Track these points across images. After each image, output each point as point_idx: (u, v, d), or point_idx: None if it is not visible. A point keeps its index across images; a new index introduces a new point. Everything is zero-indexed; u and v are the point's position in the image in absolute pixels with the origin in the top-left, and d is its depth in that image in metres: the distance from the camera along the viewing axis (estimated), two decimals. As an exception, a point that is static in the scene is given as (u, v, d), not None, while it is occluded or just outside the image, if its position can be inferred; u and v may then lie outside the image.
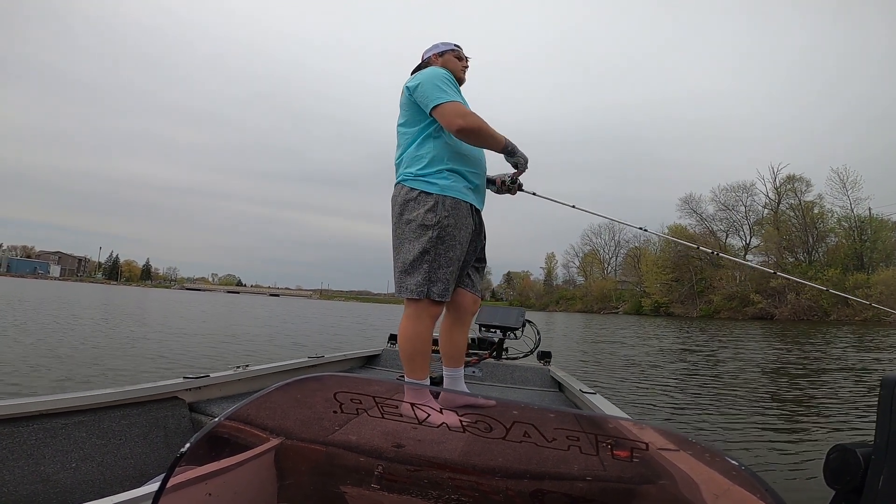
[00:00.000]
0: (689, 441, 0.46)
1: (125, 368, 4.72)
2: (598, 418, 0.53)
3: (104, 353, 5.49)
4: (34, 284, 38.81)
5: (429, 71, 1.59)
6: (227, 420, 0.52)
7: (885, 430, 0.55)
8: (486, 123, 1.56)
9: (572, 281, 75.98)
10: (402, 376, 1.65)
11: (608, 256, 69.90)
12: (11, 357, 4.79)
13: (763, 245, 44.58)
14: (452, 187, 1.57)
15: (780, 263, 41.31)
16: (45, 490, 1.10)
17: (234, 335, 9.14)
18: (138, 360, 5.20)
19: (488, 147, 1.64)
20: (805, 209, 43.70)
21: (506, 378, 2.72)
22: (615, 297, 58.59)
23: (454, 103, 1.50)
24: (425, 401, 0.55)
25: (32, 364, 4.57)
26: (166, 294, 45.58)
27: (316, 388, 0.56)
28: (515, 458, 0.53)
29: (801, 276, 36.64)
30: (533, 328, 3.17)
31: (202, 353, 6.27)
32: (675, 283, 48.84)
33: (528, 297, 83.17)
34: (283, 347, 7.78)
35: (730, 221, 50.62)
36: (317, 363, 2.36)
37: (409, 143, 1.62)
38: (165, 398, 1.53)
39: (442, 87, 1.52)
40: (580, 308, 61.49)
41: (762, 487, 0.42)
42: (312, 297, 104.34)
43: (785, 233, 43.53)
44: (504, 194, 1.90)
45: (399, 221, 1.57)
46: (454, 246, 1.55)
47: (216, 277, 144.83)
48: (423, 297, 1.52)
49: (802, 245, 43.56)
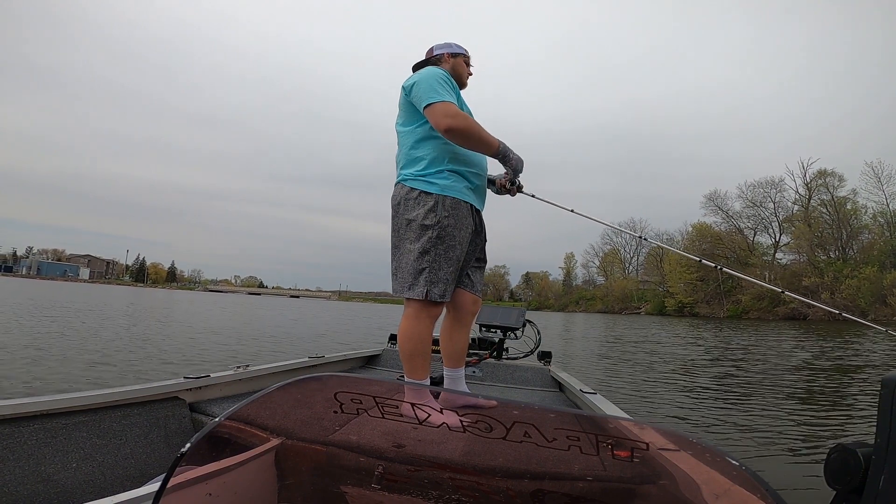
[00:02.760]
0: (689, 441, 0.46)
1: (152, 369, 4.88)
2: (598, 418, 0.53)
3: (133, 356, 5.69)
4: (65, 287, 40.31)
5: (426, 70, 1.58)
6: (228, 420, 0.52)
7: (885, 430, 0.56)
8: (478, 125, 1.54)
9: (592, 281, 74.90)
10: (403, 376, 1.65)
11: (629, 255, 68.72)
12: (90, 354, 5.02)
13: (794, 243, 42.88)
14: (452, 187, 1.57)
15: (813, 261, 39.70)
16: (45, 490, 1.10)
17: (245, 335, 9.38)
18: (161, 361, 5.38)
19: (479, 150, 1.62)
20: (838, 205, 41.92)
21: (506, 378, 2.71)
22: (637, 298, 57.45)
23: (445, 103, 1.48)
24: (425, 401, 0.55)
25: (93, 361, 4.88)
26: (190, 296, 46.92)
27: (316, 388, 0.57)
28: (516, 459, 0.53)
29: (837, 273, 35.02)
30: (533, 328, 3.16)
31: (221, 350, 6.47)
32: (701, 282, 47.49)
33: (546, 297, 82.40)
34: (295, 344, 7.94)
35: (758, 219, 48.99)
36: (317, 363, 2.37)
37: (407, 142, 1.62)
38: (166, 398, 1.53)
39: (437, 87, 1.51)
40: (600, 308, 60.51)
41: (762, 487, 0.42)
42: (331, 299, 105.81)
43: (817, 229, 41.81)
44: (504, 195, 1.90)
45: (398, 221, 1.57)
46: (454, 246, 1.54)
47: (238, 279, 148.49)
48: (423, 298, 1.51)
49: (835, 242, 41.77)
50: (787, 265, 43.28)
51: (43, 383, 3.79)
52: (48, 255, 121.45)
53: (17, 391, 3.50)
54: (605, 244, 69.99)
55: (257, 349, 7.19)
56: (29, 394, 3.29)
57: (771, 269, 43.99)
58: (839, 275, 36.00)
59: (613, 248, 69.10)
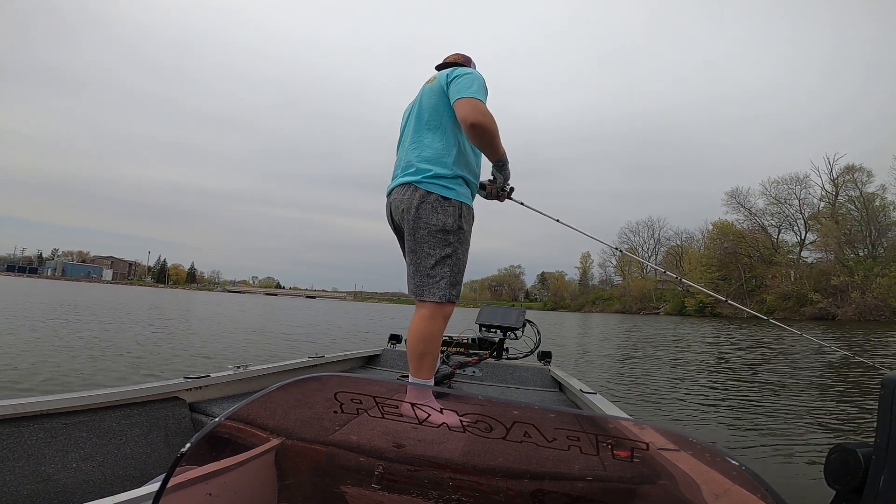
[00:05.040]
0: (689, 441, 0.46)
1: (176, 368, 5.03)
2: (598, 418, 0.53)
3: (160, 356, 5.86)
4: (88, 287, 41.44)
5: (474, 71, 1.63)
6: (228, 420, 0.53)
7: (885, 430, 0.55)
8: (498, 131, 1.57)
9: (609, 281, 74.02)
10: (403, 376, 1.65)
11: (647, 255, 67.54)
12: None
13: (821, 240, 41.42)
14: (465, 193, 1.61)
15: (841, 259, 38.27)
16: (45, 490, 1.09)
17: (255, 333, 9.61)
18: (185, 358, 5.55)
19: (489, 152, 1.64)
20: (866, 201, 40.36)
21: (506, 378, 2.69)
22: (655, 297, 56.37)
23: (480, 101, 1.53)
24: (426, 401, 0.55)
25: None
26: (210, 296, 47.95)
27: (316, 388, 0.57)
28: (516, 459, 0.52)
29: (867, 271, 33.66)
30: (533, 328, 3.15)
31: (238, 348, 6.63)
32: (722, 281, 46.33)
33: (562, 297, 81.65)
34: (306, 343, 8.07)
35: (782, 216, 47.57)
36: (317, 363, 2.36)
37: (427, 138, 1.62)
38: (166, 398, 1.53)
39: (479, 85, 1.56)
40: (618, 309, 59.61)
41: (763, 487, 0.41)
42: (347, 299, 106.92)
43: (844, 226, 40.31)
44: (492, 200, 1.96)
45: (418, 225, 1.56)
46: (468, 250, 1.62)
47: (256, 280, 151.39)
48: (446, 301, 1.53)
49: (864, 240, 40.21)
50: (814, 264, 41.84)
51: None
52: (73, 256, 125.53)
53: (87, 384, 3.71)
54: (622, 243, 68.94)
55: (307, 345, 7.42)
56: (49, 392, 3.46)
57: (797, 267, 42.58)
58: (869, 273, 34.59)
59: (631, 248, 68.00)
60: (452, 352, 2.91)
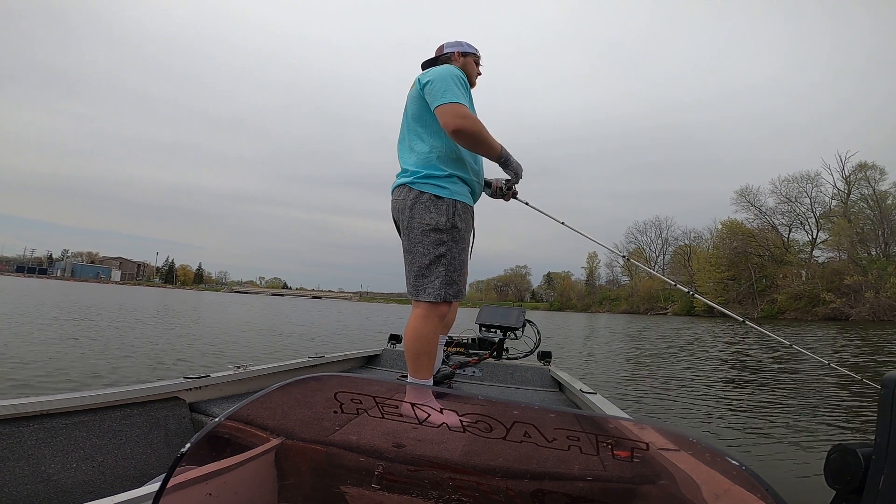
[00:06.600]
0: (689, 441, 0.46)
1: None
2: (598, 418, 0.53)
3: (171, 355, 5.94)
4: (98, 289, 41.79)
5: (442, 69, 1.57)
6: (228, 420, 0.53)
7: (885, 430, 0.56)
8: (486, 129, 1.54)
9: (616, 281, 73.46)
10: (403, 376, 1.65)
11: (655, 254, 67.07)
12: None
13: (833, 239, 40.78)
14: (461, 191, 1.59)
15: (854, 258, 37.64)
16: (45, 490, 1.09)
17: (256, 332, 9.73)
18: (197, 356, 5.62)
19: (483, 153, 1.63)
20: (880, 199, 39.68)
21: (506, 378, 2.68)
22: (663, 298, 55.89)
23: (457, 104, 1.48)
24: (426, 401, 0.55)
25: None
26: (218, 297, 48.35)
27: (316, 388, 0.57)
28: (516, 459, 0.53)
29: (881, 271, 33.03)
30: (533, 328, 3.14)
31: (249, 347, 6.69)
32: (732, 281, 45.82)
33: (569, 297, 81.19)
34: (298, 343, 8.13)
35: (793, 215, 46.93)
36: (317, 363, 2.36)
37: (415, 142, 1.61)
38: (166, 398, 1.53)
39: (451, 86, 1.51)
40: (625, 309, 59.22)
41: (763, 487, 0.41)
42: (353, 300, 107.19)
43: (857, 225, 39.65)
44: (498, 199, 1.93)
45: (412, 225, 1.56)
46: (464, 249, 1.59)
47: (263, 281, 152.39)
48: (441, 301, 1.53)
49: (877, 238, 39.53)
50: (825, 263, 41.20)
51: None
52: (82, 257, 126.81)
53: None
54: (629, 243, 68.62)
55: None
56: (54, 391, 3.52)
57: (808, 266, 41.97)
58: (883, 273, 33.99)
59: (638, 248, 67.61)
60: (452, 352, 2.91)
